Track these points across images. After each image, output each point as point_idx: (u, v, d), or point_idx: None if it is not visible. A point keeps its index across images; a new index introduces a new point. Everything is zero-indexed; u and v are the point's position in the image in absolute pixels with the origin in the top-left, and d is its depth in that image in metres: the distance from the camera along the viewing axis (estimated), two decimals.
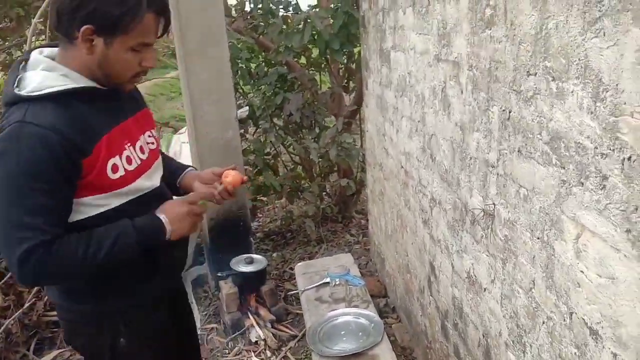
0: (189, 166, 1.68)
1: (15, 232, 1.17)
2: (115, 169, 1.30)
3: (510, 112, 1.35)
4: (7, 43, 4.80)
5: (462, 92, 1.66)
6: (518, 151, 1.33)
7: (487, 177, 1.53)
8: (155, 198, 1.43)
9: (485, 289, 1.64)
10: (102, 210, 1.30)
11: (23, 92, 1.22)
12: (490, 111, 1.47)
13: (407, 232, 2.47)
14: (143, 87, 9.58)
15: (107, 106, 1.33)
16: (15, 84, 1.24)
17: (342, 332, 2.11)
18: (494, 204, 1.50)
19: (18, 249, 1.16)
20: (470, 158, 1.63)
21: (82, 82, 1.27)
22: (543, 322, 1.29)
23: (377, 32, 2.71)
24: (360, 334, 2.09)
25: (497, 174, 1.46)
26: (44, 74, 1.24)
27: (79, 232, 1.26)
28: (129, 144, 1.36)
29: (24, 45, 4.81)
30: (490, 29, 1.42)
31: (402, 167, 2.45)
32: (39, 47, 1.34)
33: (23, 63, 1.30)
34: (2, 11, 4.14)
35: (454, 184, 1.79)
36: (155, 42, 1.30)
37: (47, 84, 1.23)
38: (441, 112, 1.85)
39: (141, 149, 1.41)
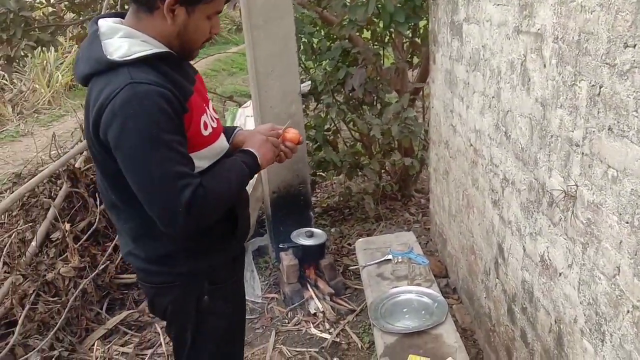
0: (236, 127, 1.72)
1: (175, 182, 1.23)
2: (205, 125, 1.38)
3: (601, 88, 1.27)
4: (80, 17, 4.98)
5: (544, 65, 1.57)
6: (608, 129, 1.24)
7: (570, 156, 1.45)
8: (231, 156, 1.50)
9: (560, 274, 1.57)
10: (196, 171, 1.34)
11: (115, 57, 1.25)
12: (577, 86, 1.38)
13: (473, 212, 2.41)
14: (206, 62, 9.77)
15: (182, 71, 1.38)
16: (104, 51, 1.26)
17: (404, 310, 2.09)
18: (576, 185, 1.42)
19: (183, 195, 1.23)
20: (552, 136, 1.55)
21: (161, 47, 1.31)
22: (628, 311, 1.22)
23: (449, 3, 2.61)
24: (423, 312, 2.06)
25: (582, 154, 1.38)
26: (129, 40, 1.28)
27: None
28: (205, 105, 1.43)
29: None
30: None
31: (471, 145, 2.37)
32: (100, 16, 1.38)
33: (96, 32, 1.32)
34: None
35: (531, 163, 1.71)
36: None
37: (135, 49, 1.26)
38: (519, 88, 1.77)
39: (213, 109, 1.49)
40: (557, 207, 1.54)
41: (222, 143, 1.48)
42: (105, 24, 1.32)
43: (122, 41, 1.28)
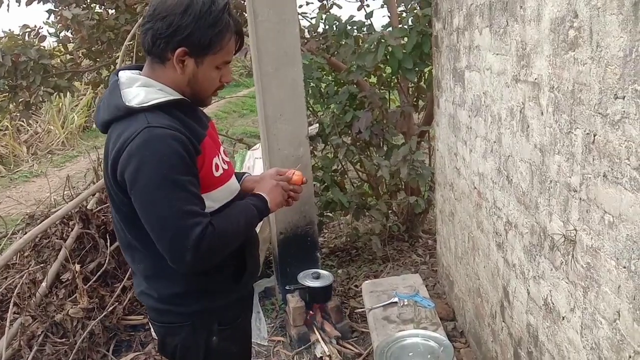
0: (244, 172, 1.78)
1: (185, 220, 1.29)
2: (217, 167, 1.45)
3: (595, 136, 1.32)
4: (97, 64, 5.18)
5: (542, 113, 1.62)
6: (603, 176, 1.28)
7: (569, 201, 1.48)
8: (241, 199, 1.56)
9: (563, 318, 1.58)
10: (207, 212, 1.40)
11: (133, 104, 1.34)
12: (573, 134, 1.43)
13: (479, 254, 2.42)
14: (217, 105, 10.00)
15: (195, 116, 1.47)
16: (123, 99, 1.36)
17: (410, 354, 2.09)
18: (575, 229, 1.45)
19: (192, 233, 1.28)
20: (551, 181, 1.59)
21: (176, 95, 1.40)
22: (629, 357, 1.23)
23: (451, 51, 2.70)
24: (429, 356, 2.06)
25: (580, 199, 1.42)
26: (145, 89, 1.37)
27: None
28: (216, 149, 1.51)
29: (112, 66, 5.19)
30: (574, 51, 1.39)
31: (475, 187, 2.41)
32: (121, 69, 1.49)
33: (116, 82, 1.42)
34: (95, 35, 4.50)
35: (532, 207, 1.74)
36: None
37: (152, 96, 1.36)
38: (519, 133, 1.82)
39: (225, 152, 1.57)
40: (558, 251, 1.57)
41: (233, 184, 1.55)
42: (124, 74, 1.43)
43: (139, 90, 1.37)
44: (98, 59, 5.11)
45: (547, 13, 1.53)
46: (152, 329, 1.61)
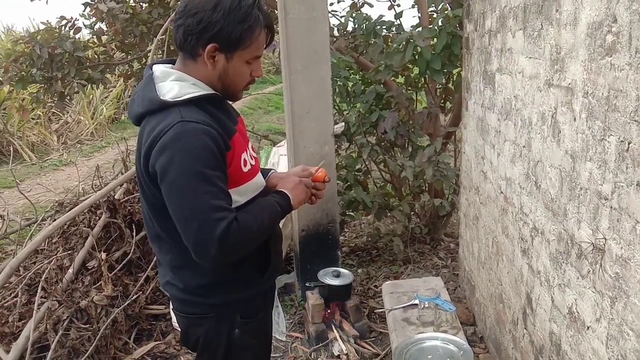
0: (270, 169, 1.80)
1: (212, 214, 1.30)
2: (245, 163, 1.47)
3: (629, 144, 1.29)
4: (129, 57, 5.28)
5: (574, 119, 1.59)
6: (637, 185, 1.26)
7: (599, 209, 1.45)
8: (265, 196, 1.57)
9: (588, 327, 1.55)
10: (235, 206, 1.42)
11: (167, 98, 1.36)
12: (606, 141, 1.40)
13: (502, 260, 2.39)
14: (243, 101, 10.09)
15: (226, 112, 1.49)
16: (157, 93, 1.38)
17: (430, 357, 2.08)
18: (605, 238, 1.42)
19: (218, 227, 1.29)
20: (581, 188, 1.56)
21: (208, 90, 1.42)
22: None
23: (482, 53, 2.67)
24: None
25: (611, 207, 1.39)
26: (180, 83, 1.40)
27: None
28: (245, 144, 1.52)
29: (143, 59, 5.28)
30: (611, 56, 1.36)
31: (501, 192, 2.38)
32: (155, 62, 1.51)
33: (151, 76, 1.44)
34: (129, 29, 4.58)
35: (560, 214, 1.72)
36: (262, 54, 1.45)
37: (185, 91, 1.38)
38: (550, 139, 1.79)
39: (252, 148, 1.58)
40: (586, 260, 1.54)
41: (259, 180, 1.56)
42: (158, 68, 1.45)
43: (173, 84, 1.39)
44: (130, 52, 5.20)
45: (584, 17, 1.50)
46: (173, 320, 1.64)
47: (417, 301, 2.47)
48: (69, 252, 3.17)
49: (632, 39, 1.25)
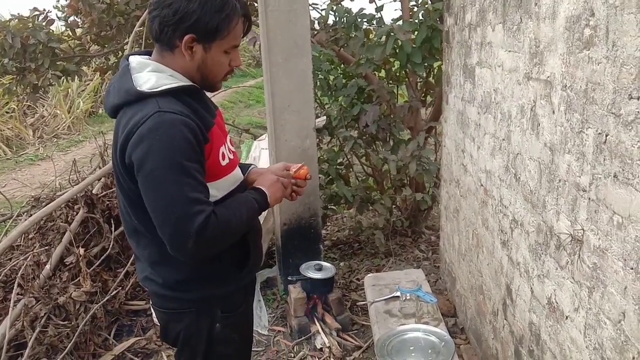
0: (250, 164, 1.78)
1: (190, 207, 1.28)
2: (223, 156, 1.45)
3: (607, 136, 1.31)
4: (104, 49, 5.18)
5: (553, 112, 1.61)
6: (614, 176, 1.28)
7: (577, 201, 1.48)
8: (242, 190, 1.56)
9: (567, 317, 1.58)
10: (212, 200, 1.40)
11: (145, 89, 1.34)
12: (584, 133, 1.42)
13: (482, 252, 2.42)
14: (224, 95, 9.99)
15: (204, 104, 1.47)
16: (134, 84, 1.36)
17: (411, 348, 2.10)
18: (583, 229, 1.45)
19: (195, 220, 1.27)
20: (559, 180, 1.58)
21: (186, 81, 1.40)
22: (633, 358, 1.23)
23: (462, 47, 2.69)
24: (429, 351, 2.06)
25: (589, 199, 1.41)
26: (156, 74, 1.37)
27: None
28: (223, 137, 1.50)
29: (120, 52, 5.19)
30: (589, 50, 1.38)
31: (481, 185, 2.40)
32: (131, 54, 1.48)
33: (127, 66, 1.41)
34: (106, 20, 4.49)
35: (539, 206, 1.74)
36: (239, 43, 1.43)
37: (163, 82, 1.36)
38: (529, 132, 1.81)
39: (231, 141, 1.56)
40: (565, 251, 1.56)
41: (237, 174, 1.55)
42: (135, 59, 1.42)
43: (150, 75, 1.37)
44: (106, 45, 5.10)
45: (562, 11, 1.52)
46: (153, 315, 1.62)
47: (398, 293, 2.49)
48: (46, 247, 3.11)
49: (609, 33, 1.27)
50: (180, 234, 1.29)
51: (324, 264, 3.08)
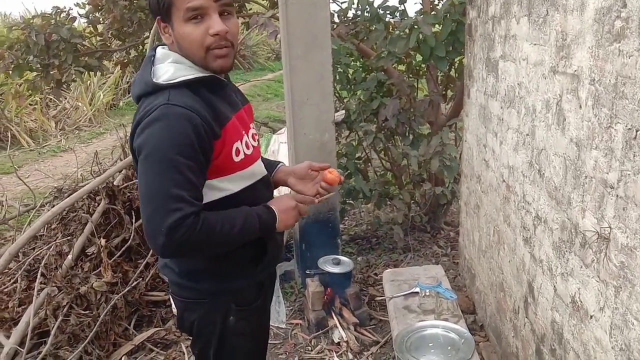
0: (279, 162, 1.76)
1: (167, 202, 1.26)
2: (237, 152, 1.42)
3: (637, 131, 1.27)
4: (125, 44, 5.22)
5: (580, 106, 1.57)
6: None
7: (604, 198, 1.44)
8: (265, 185, 1.56)
9: (592, 317, 1.55)
10: (224, 194, 1.42)
11: (160, 81, 1.35)
12: (613, 129, 1.39)
13: (504, 249, 2.39)
14: (242, 88, 10.02)
15: (226, 96, 1.46)
16: (152, 75, 1.37)
17: (430, 344, 2.08)
18: (610, 227, 1.41)
19: (169, 217, 1.25)
20: (586, 177, 1.55)
21: (204, 72, 1.39)
22: None
23: (485, 40, 2.64)
24: (449, 348, 2.04)
25: (617, 196, 1.37)
26: (175, 65, 1.38)
27: None
28: (244, 132, 1.48)
29: (140, 47, 5.23)
30: (620, 42, 1.34)
31: (503, 180, 2.36)
32: (160, 44, 1.49)
33: (152, 58, 1.43)
34: (127, 15, 4.52)
35: (564, 202, 1.70)
36: (211, 5, 1.31)
37: (180, 73, 1.36)
38: (554, 127, 1.77)
39: (253, 137, 1.53)
40: (590, 249, 1.53)
41: (256, 169, 1.52)
42: (160, 51, 1.44)
43: (170, 66, 1.38)
44: (127, 40, 5.14)
45: (591, 2, 1.48)
46: (173, 306, 1.63)
47: (418, 289, 2.47)
48: (68, 238, 3.16)
49: None
50: (152, 227, 1.28)
51: (342, 258, 3.08)
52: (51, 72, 4.44)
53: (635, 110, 1.27)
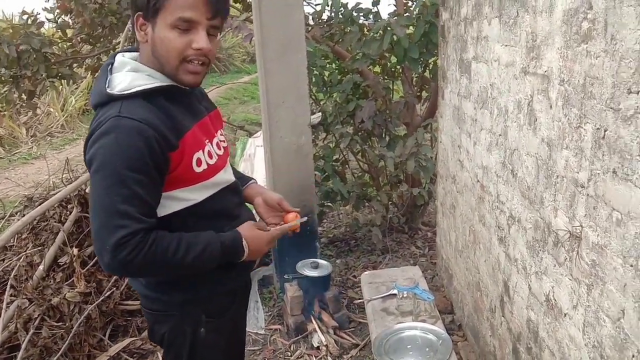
0: (251, 178, 1.72)
1: (114, 219, 1.21)
2: (199, 162, 1.37)
3: (605, 131, 1.29)
4: (96, 49, 5.12)
5: (551, 107, 1.59)
6: (613, 172, 1.26)
7: (575, 197, 1.46)
8: (232, 192, 1.52)
9: (565, 314, 1.56)
10: (188, 204, 1.38)
11: (115, 91, 1.30)
12: (582, 128, 1.40)
13: (480, 248, 2.40)
14: (218, 91, 9.94)
15: (188, 104, 1.41)
16: (107, 85, 1.32)
17: (409, 346, 2.07)
18: (581, 226, 1.43)
19: (115, 235, 1.20)
20: (557, 176, 1.56)
21: (166, 81, 1.34)
22: (633, 356, 1.21)
23: (458, 42, 2.66)
24: (427, 349, 2.04)
25: (587, 195, 1.39)
26: (132, 74, 1.33)
27: (167, 227, 1.32)
28: (207, 140, 1.43)
29: (111, 52, 5.13)
30: (587, 43, 1.36)
31: (478, 181, 2.38)
32: (120, 51, 1.43)
33: (110, 66, 1.38)
34: (98, 19, 4.43)
35: (537, 202, 1.72)
36: (202, 21, 1.27)
37: (136, 83, 1.30)
38: (526, 127, 1.79)
39: (217, 145, 1.48)
40: (563, 247, 1.55)
41: (221, 178, 1.46)
42: (118, 58, 1.38)
43: (126, 75, 1.32)
44: (97, 44, 5.05)
45: (560, 4, 1.50)
46: None
47: (395, 291, 2.46)
48: (39, 248, 3.08)
49: (608, 26, 1.25)
50: (99, 244, 1.24)
51: (321, 261, 3.06)
52: (21, 85, 4.30)
53: (603, 110, 1.29)
